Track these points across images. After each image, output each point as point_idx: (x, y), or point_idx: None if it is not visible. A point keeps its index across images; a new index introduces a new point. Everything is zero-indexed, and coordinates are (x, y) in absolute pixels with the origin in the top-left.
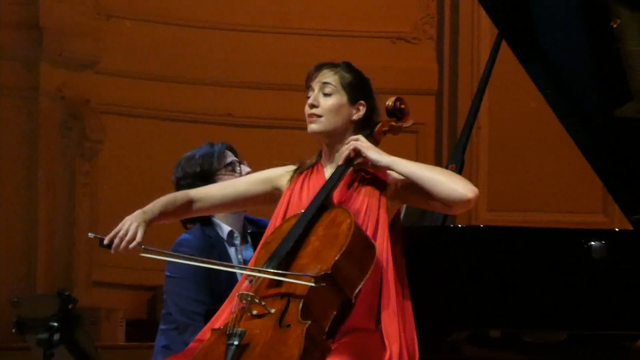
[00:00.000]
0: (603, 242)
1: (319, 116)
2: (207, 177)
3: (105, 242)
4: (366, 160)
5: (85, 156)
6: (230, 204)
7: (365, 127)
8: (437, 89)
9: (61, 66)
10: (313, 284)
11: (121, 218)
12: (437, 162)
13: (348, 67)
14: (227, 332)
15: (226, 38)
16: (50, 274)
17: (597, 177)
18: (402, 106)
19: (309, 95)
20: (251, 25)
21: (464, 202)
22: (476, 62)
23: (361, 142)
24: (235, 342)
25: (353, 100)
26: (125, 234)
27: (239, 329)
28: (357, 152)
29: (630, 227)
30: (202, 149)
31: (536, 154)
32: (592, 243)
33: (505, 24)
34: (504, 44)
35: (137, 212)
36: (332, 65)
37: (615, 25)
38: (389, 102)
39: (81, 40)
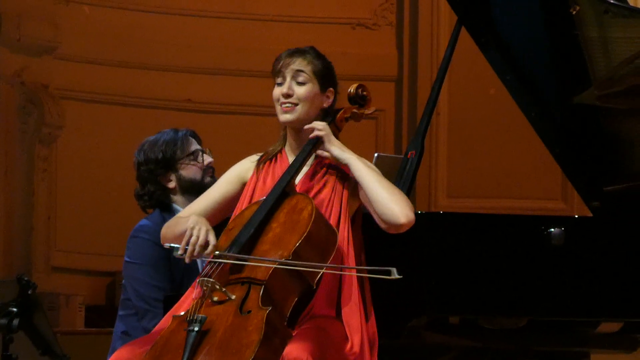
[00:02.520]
0: (562, 228)
1: (294, 105)
2: (168, 164)
3: (180, 252)
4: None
5: (43, 141)
6: (216, 214)
7: (328, 113)
8: (397, 75)
9: (20, 51)
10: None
11: (79, 203)
12: (397, 148)
13: (317, 53)
14: (188, 319)
15: (186, 24)
16: (8, 259)
17: (556, 164)
18: (364, 93)
19: (278, 82)
20: (211, 10)
21: (395, 225)
22: (436, 49)
23: (326, 134)
24: (196, 328)
25: (324, 88)
26: (197, 240)
27: (200, 315)
28: (318, 140)
29: (589, 214)
30: (166, 134)
31: (495, 141)
32: (551, 229)
33: (464, 11)
34: (463, 31)
35: (196, 216)
36: (302, 53)
37: (574, 12)
38: (352, 89)
39: (40, 25)
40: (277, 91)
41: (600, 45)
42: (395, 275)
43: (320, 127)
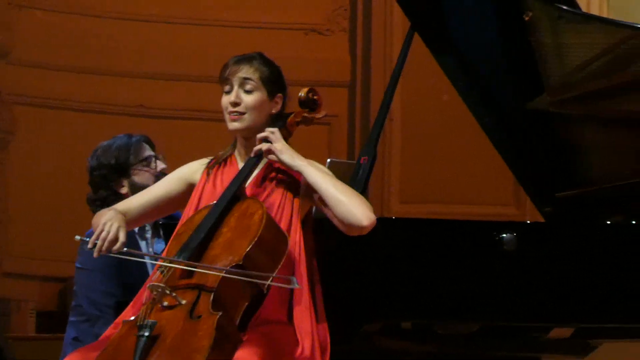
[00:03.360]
0: (514, 234)
1: (242, 113)
2: (121, 170)
3: (90, 245)
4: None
5: None
6: (155, 211)
7: (279, 118)
8: (350, 81)
9: None
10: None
11: (32, 209)
12: (350, 154)
13: (264, 59)
14: (138, 324)
15: (138, 29)
16: None
17: (509, 170)
18: (315, 97)
19: (226, 89)
20: (163, 16)
21: (358, 228)
22: (389, 54)
23: (275, 144)
24: (146, 334)
25: (272, 95)
26: (107, 235)
27: (150, 320)
28: (269, 152)
29: (542, 219)
30: (119, 139)
31: (448, 147)
32: (504, 235)
33: (417, 17)
34: (416, 37)
35: (114, 212)
36: (249, 59)
37: (527, 18)
38: (302, 93)
39: None
40: (225, 100)
41: (553, 51)
42: (295, 285)
43: (268, 137)
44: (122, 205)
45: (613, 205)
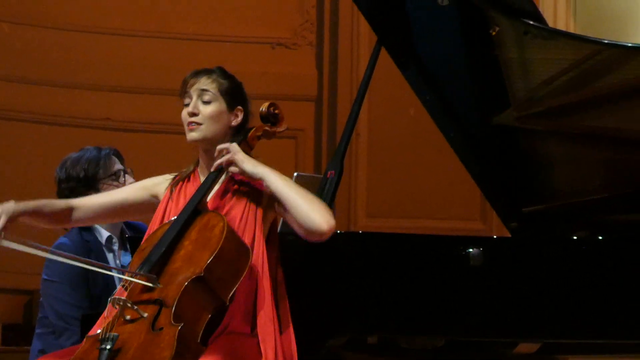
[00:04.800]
0: (480, 248)
1: (199, 124)
2: (90, 184)
3: None
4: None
5: None
6: (109, 214)
7: (240, 132)
8: (317, 95)
9: None
10: (149, 284)
11: None
12: (317, 168)
13: (223, 72)
14: (100, 337)
15: (104, 42)
16: None
17: (476, 185)
18: (276, 111)
19: (185, 102)
20: (129, 29)
21: (318, 233)
22: (355, 69)
23: (235, 155)
24: (108, 347)
25: (231, 107)
26: None
27: (112, 334)
28: (230, 164)
29: (508, 234)
30: (89, 151)
31: (415, 161)
32: (470, 250)
33: (384, 31)
34: (383, 51)
35: (9, 202)
36: (208, 72)
37: (494, 33)
38: (263, 107)
39: None
40: (184, 112)
41: (519, 66)
42: (156, 284)
43: (227, 148)
44: (78, 200)
45: (578, 220)
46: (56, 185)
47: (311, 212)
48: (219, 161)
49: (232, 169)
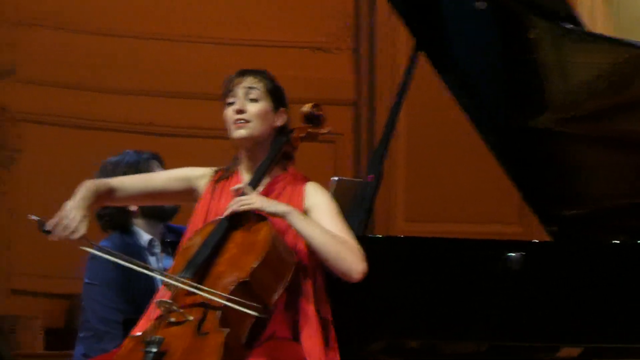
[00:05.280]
0: (520, 253)
1: (247, 121)
2: None
3: (47, 228)
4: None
5: (2, 164)
6: (146, 197)
7: (282, 133)
8: (355, 99)
9: None
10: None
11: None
12: (355, 172)
13: (267, 74)
14: (146, 340)
15: (146, 47)
16: None
17: (515, 188)
18: (319, 112)
19: (230, 101)
20: (171, 34)
21: (348, 279)
22: (394, 73)
23: (251, 199)
24: (154, 349)
25: (276, 107)
26: (70, 224)
27: (157, 337)
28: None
29: (548, 238)
30: (128, 155)
31: (453, 165)
32: (510, 254)
33: (422, 35)
34: (421, 55)
35: (79, 200)
36: (253, 72)
37: (532, 36)
38: (306, 108)
39: None
40: (229, 110)
41: (557, 69)
42: (257, 313)
43: (244, 193)
44: (117, 180)
45: (617, 224)
46: None
47: (340, 262)
48: (233, 208)
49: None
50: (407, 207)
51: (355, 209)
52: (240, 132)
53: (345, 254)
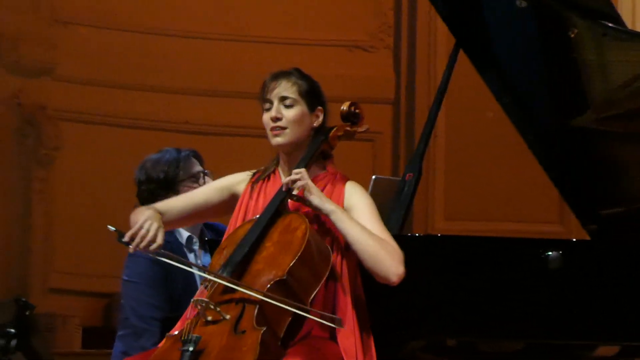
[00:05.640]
0: (559, 251)
1: (284, 128)
2: (169, 185)
3: (126, 239)
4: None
5: (41, 163)
6: (192, 216)
7: (321, 132)
8: (394, 97)
9: (17, 73)
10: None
11: (76, 225)
12: (394, 171)
13: (301, 74)
14: (182, 338)
15: (184, 45)
16: (5, 280)
17: (554, 187)
18: (357, 111)
19: (266, 107)
20: (209, 32)
21: (385, 282)
22: (433, 71)
23: (308, 184)
24: (190, 348)
25: (312, 108)
26: (147, 234)
27: (194, 335)
28: (295, 183)
29: (587, 237)
30: (168, 152)
31: (493, 163)
32: (549, 253)
33: (462, 33)
34: (461, 53)
35: (151, 214)
36: (286, 75)
37: (572, 35)
38: (344, 106)
39: (37, 46)
40: (266, 116)
41: (598, 68)
42: (339, 325)
43: (299, 177)
44: (161, 205)
45: None
46: (136, 186)
47: (379, 264)
48: (289, 179)
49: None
50: (446, 206)
51: (394, 207)
52: (277, 140)
53: (385, 257)
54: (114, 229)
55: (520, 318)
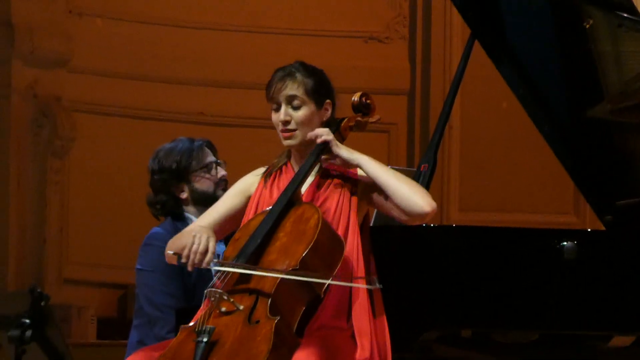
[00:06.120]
0: (575, 242)
1: (294, 130)
2: (182, 176)
3: (183, 260)
4: (334, 156)
5: (56, 154)
6: (223, 227)
7: (331, 123)
8: (409, 88)
9: (32, 64)
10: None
11: (91, 216)
12: (409, 161)
13: (305, 70)
14: (197, 329)
15: (197, 37)
16: (21, 271)
17: (569, 178)
18: (368, 101)
19: (274, 107)
20: (223, 24)
21: (421, 215)
22: (448, 62)
23: (332, 138)
24: (205, 339)
25: (320, 104)
26: (198, 247)
27: (208, 326)
28: (326, 146)
29: (602, 228)
30: (182, 142)
31: (508, 154)
32: (564, 243)
33: (477, 24)
34: (476, 44)
35: (199, 226)
36: (291, 75)
37: (588, 26)
38: (355, 97)
39: (53, 38)
40: (275, 118)
41: (613, 59)
42: (376, 284)
43: (324, 133)
44: (200, 221)
45: None
46: (149, 175)
47: (413, 195)
48: (314, 132)
49: (326, 158)
50: (461, 197)
51: None
52: (288, 142)
53: (417, 190)
54: (173, 252)
55: (535, 309)
